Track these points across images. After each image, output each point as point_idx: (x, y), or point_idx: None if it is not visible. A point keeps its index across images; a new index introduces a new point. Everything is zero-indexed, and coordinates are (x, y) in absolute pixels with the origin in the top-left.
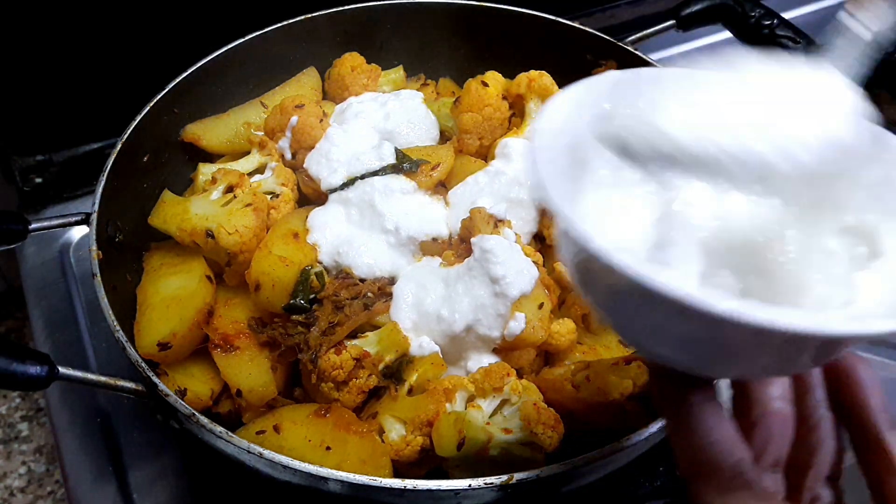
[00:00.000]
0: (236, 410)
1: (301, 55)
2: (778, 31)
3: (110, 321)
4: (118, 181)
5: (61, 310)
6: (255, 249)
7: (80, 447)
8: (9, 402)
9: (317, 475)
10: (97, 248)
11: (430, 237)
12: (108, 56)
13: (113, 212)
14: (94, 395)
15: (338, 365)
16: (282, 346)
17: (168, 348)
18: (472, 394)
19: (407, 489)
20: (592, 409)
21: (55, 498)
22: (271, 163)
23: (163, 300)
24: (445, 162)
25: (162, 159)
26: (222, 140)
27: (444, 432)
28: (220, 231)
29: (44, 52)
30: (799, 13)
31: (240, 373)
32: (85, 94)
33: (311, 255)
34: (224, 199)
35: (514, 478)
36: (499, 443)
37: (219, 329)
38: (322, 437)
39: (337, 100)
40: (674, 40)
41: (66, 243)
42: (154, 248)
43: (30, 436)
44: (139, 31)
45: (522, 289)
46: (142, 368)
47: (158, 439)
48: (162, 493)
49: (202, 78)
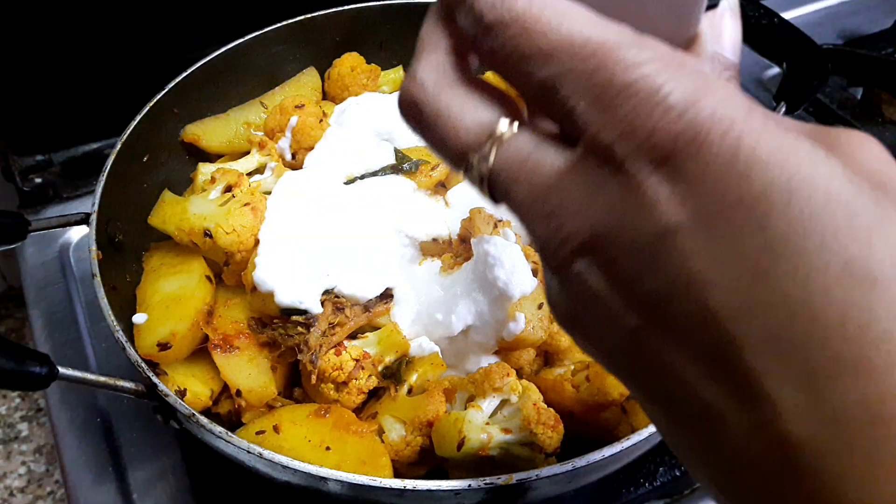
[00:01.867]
0: (236, 410)
1: (301, 55)
2: (777, 31)
3: (110, 321)
4: (118, 181)
5: (61, 310)
6: (252, 249)
7: (80, 447)
8: (8, 402)
9: (316, 475)
10: (97, 248)
11: (430, 237)
12: (108, 56)
13: (113, 212)
14: (94, 395)
15: (338, 366)
16: (281, 346)
17: (168, 348)
18: (471, 394)
19: (407, 489)
20: (592, 409)
21: (55, 498)
22: (271, 163)
23: (162, 300)
24: None
25: (162, 159)
26: (222, 140)
27: (444, 432)
28: (217, 231)
29: (44, 52)
30: (799, 13)
31: (239, 373)
32: (85, 94)
33: None
34: (222, 199)
35: (514, 478)
36: (499, 443)
37: (219, 329)
38: (322, 438)
39: (337, 100)
40: None
41: (66, 243)
42: (154, 248)
43: (29, 436)
44: (139, 31)
45: (522, 289)
46: (142, 368)
47: (158, 439)
48: (162, 493)
49: (202, 78)
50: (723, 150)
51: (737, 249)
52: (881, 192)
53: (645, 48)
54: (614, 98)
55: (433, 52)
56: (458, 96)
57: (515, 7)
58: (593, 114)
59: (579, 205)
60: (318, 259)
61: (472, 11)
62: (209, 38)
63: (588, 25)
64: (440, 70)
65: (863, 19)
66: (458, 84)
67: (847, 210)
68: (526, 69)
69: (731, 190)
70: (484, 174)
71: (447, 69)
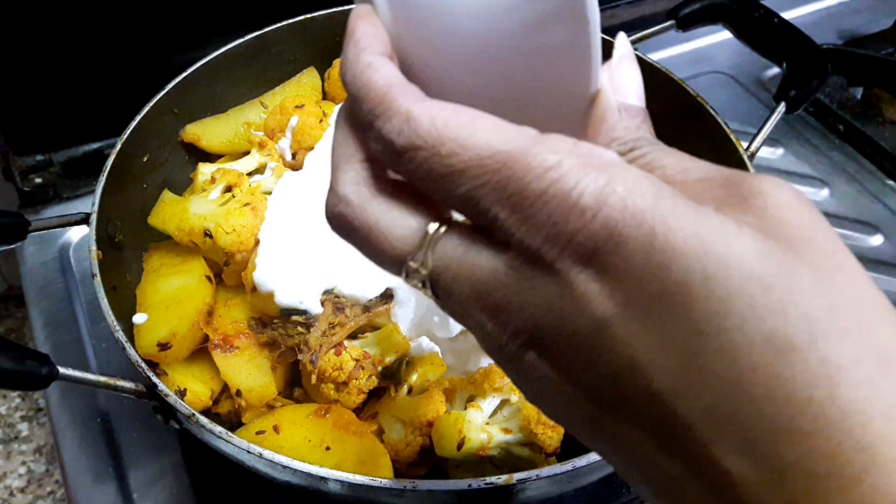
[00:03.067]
0: (236, 410)
1: (301, 55)
2: (777, 31)
3: (110, 321)
4: (118, 181)
5: (61, 310)
6: (252, 249)
7: (79, 447)
8: (8, 402)
9: (316, 475)
10: (97, 248)
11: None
12: (108, 56)
13: (113, 212)
14: (94, 395)
15: (338, 366)
16: (282, 346)
17: (168, 348)
18: (471, 394)
19: (407, 489)
20: None
21: (55, 498)
22: (271, 163)
23: (163, 300)
24: None
25: (162, 159)
26: (222, 140)
27: (444, 432)
28: (217, 231)
29: (44, 52)
30: (799, 13)
31: (240, 373)
32: (85, 94)
33: None
34: (222, 199)
35: (514, 478)
36: (499, 443)
37: (219, 329)
38: (322, 438)
39: (337, 100)
40: (674, 40)
41: (66, 243)
42: (154, 248)
43: (29, 436)
44: (139, 31)
45: None
46: (142, 368)
47: (158, 439)
48: (162, 493)
49: (202, 78)
50: (639, 243)
51: (667, 335)
52: (792, 252)
53: (550, 150)
54: (531, 207)
55: (350, 166)
56: (384, 207)
57: (421, 130)
58: (515, 222)
59: (521, 301)
60: (318, 259)
61: (381, 139)
62: (209, 38)
63: (493, 135)
64: (361, 183)
65: (863, 19)
66: (380, 194)
67: (761, 284)
68: (444, 187)
69: (653, 281)
70: (424, 278)
71: (367, 180)
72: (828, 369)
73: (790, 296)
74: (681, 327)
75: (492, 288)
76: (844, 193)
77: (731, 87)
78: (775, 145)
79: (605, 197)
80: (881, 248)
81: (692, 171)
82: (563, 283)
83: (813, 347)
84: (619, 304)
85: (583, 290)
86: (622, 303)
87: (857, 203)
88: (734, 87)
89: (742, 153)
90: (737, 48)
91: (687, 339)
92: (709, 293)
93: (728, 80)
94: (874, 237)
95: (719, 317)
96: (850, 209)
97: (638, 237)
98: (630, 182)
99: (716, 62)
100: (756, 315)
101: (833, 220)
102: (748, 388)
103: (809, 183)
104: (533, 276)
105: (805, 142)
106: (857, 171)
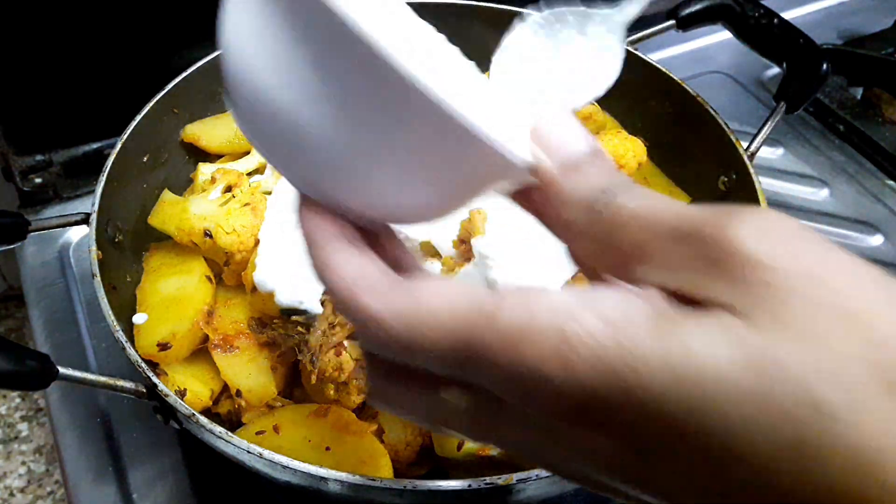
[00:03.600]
0: (236, 410)
1: None
2: (777, 31)
3: (110, 321)
4: (118, 181)
5: (61, 310)
6: (252, 249)
7: (79, 447)
8: (8, 402)
9: (316, 475)
10: (97, 248)
11: (430, 238)
12: (108, 56)
13: (113, 212)
14: (94, 395)
15: (338, 366)
16: (281, 346)
17: (168, 348)
18: None
19: (407, 489)
20: None
21: (55, 498)
22: None
23: (163, 300)
24: None
25: (162, 159)
26: (222, 140)
27: None
28: (217, 231)
29: (44, 52)
30: (799, 13)
31: (240, 373)
32: (85, 94)
33: None
34: (222, 199)
35: (514, 478)
36: None
37: (219, 329)
38: (322, 438)
39: None
40: (674, 40)
41: (66, 243)
42: (154, 248)
43: (29, 436)
44: (139, 31)
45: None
46: (141, 368)
47: (158, 439)
48: (162, 493)
49: (202, 78)
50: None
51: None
52: (775, 331)
53: (502, 319)
54: (508, 383)
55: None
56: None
57: (393, 332)
58: (501, 392)
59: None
60: None
61: (361, 335)
62: (209, 38)
63: (449, 318)
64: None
65: (863, 19)
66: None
67: (741, 403)
68: (425, 364)
69: (648, 429)
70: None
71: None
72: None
73: (781, 400)
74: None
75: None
76: (844, 193)
77: (731, 87)
78: (775, 145)
79: (572, 371)
80: (881, 248)
81: (660, 223)
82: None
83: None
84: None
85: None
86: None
87: (857, 203)
88: (734, 87)
89: (742, 153)
90: (737, 48)
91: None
92: (700, 428)
93: (728, 80)
94: (874, 237)
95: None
96: (850, 209)
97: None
98: (597, 336)
99: (716, 62)
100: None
101: (833, 220)
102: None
103: (809, 183)
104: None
105: (805, 142)
106: (857, 171)
